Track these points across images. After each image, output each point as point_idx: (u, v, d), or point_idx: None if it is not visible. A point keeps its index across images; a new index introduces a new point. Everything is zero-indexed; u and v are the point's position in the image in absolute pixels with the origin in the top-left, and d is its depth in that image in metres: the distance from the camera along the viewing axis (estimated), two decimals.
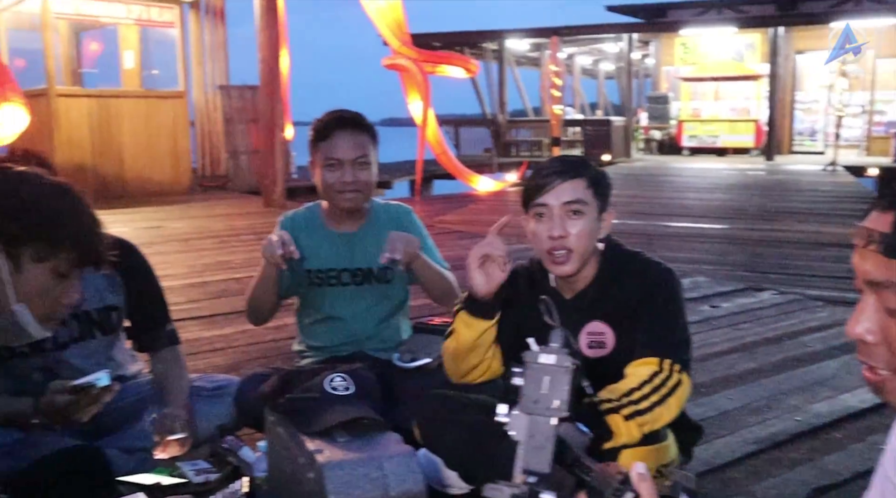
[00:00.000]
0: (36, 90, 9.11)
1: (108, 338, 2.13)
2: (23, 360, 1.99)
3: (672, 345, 1.69)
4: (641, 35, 18.95)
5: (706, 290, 4.63)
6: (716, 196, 10.26)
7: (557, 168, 1.71)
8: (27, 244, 1.24)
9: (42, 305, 1.28)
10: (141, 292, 2.16)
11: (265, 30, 8.40)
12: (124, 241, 2.14)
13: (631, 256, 1.80)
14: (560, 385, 0.91)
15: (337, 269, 2.34)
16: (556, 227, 1.68)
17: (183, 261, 5.50)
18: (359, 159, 2.25)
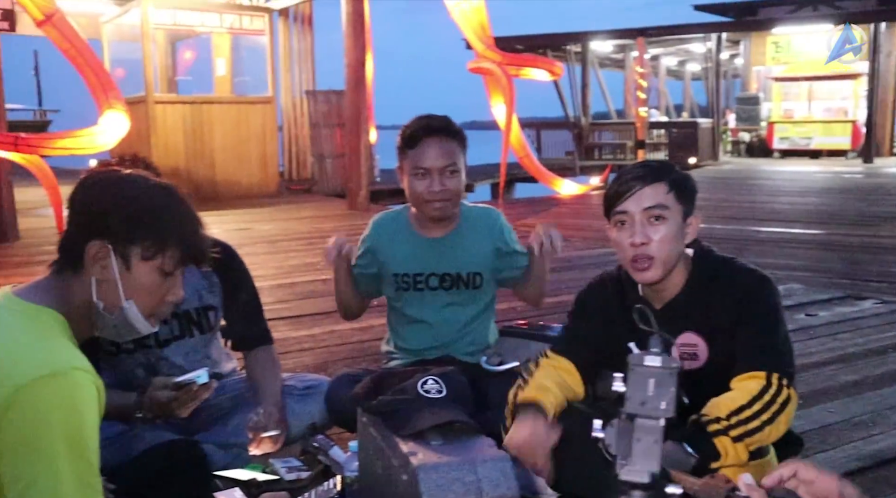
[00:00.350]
0: (135, 98, 9.55)
1: (206, 336, 2.20)
2: (128, 356, 2.09)
3: (777, 357, 1.61)
4: (730, 34, 18.41)
5: (801, 297, 4.45)
6: (809, 200, 9.86)
7: (636, 173, 1.66)
8: (136, 243, 1.29)
9: (149, 302, 1.33)
10: (237, 293, 2.23)
11: (351, 36, 8.55)
12: (223, 242, 2.21)
13: (723, 262, 1.73)
14: (666, 387, 0.92)
15: (424, 273, 2.33)
16: (637, 234, 1.64)
17: (271, 262, 5.64)
18: (448, 168, 2.22)
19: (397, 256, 2.35)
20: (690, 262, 1.72)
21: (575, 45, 18.93)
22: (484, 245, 2.35)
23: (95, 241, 1.27)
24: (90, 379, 1.17)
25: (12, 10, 6.37)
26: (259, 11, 10.31)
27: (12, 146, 5.44)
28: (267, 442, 2.04)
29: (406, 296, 2.37)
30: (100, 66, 5.89)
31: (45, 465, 1.09)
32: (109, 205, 1.30)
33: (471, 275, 2.33)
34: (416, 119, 2.30)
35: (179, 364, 2.14)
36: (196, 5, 9.91)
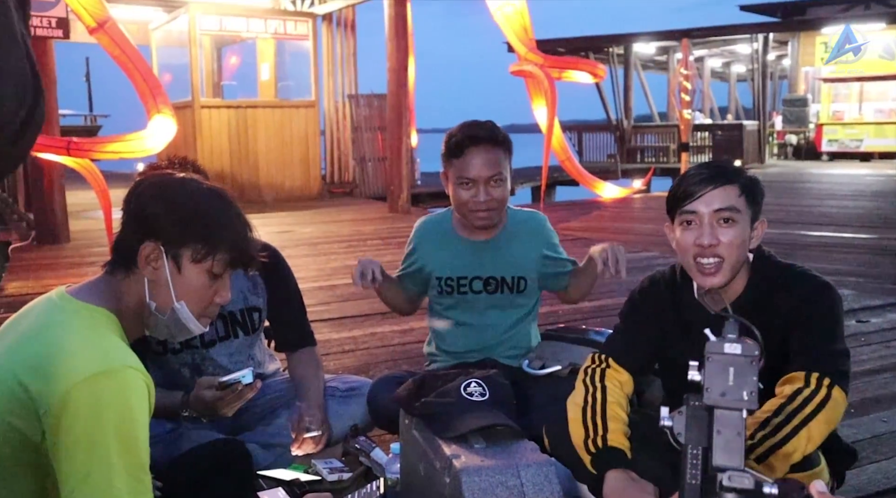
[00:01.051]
0: (182, 102, 9.73)
1: (250, 338, 2.23)
2: (174, 356, 2.13)
3: (822, 356, 1.56)
4: (778, 35, 18.06)
5: (853, 303, 4.33)
6: (860, 204, 9.61)
7: (708, 174, 1.62)
8: (187, 246, 1.32)
9: (198, 303, 1.36)
10: (282, 295, 2.26)
11: (393, 40, 8.59)
12: (269, 245, 2.25)
13: (784, 268, 1.69)
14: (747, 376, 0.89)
15: (468, 277, 2.33)
16: (705, 234, 1.59)
17: (312, 264, 5.70)
18: (493, 178, 2.20)
19: (441, 260, 2.35)
20: (750, 266, 1.68)
21: (617, 47, 18.77)
22: (529, 250, 2.35)
23: (148, 243, 1.30)
24: (141, 377, 1.19)
25: (66, 19, 6.54)
26: (303, 17, 10.43)
27: (65, 150, 5.59)
28: (309, 442, 2.06)
29: (449, 299, 2.37)
30: (149, 72, 6.01)
31: (99, 459, 1.12)
32: (162, 207, 1.33)
33: (515, 279, 2.33)
34: (462, 126, 2.26)
35: (224, 364, 2.17)
36: (241, 11, 10.07)
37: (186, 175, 1.49)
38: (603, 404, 1.67)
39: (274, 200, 9.75)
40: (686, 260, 1.65)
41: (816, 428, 1.50)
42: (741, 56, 20.54)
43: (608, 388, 1.71)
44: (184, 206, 1.34)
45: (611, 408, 1.67)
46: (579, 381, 1.76)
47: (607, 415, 1.65)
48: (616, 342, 1.83)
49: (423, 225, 2.45)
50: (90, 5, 5.67)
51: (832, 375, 1.54)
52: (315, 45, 10.52)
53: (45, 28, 6.44)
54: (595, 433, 1.64)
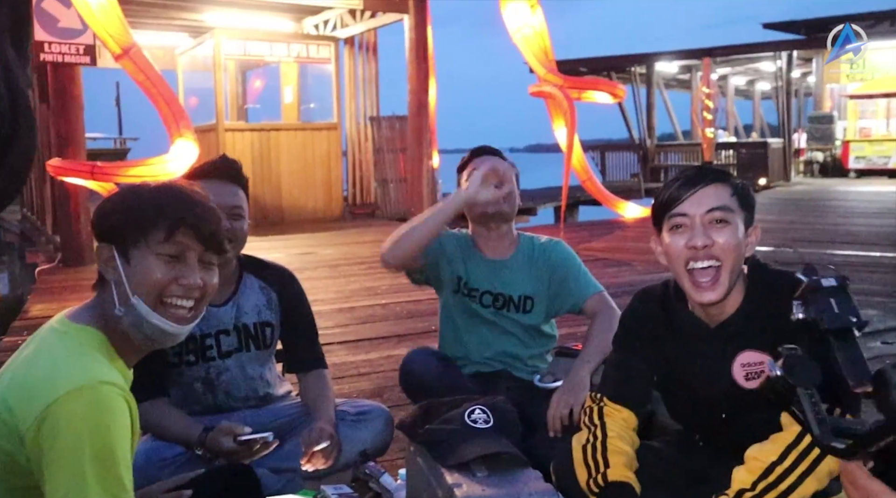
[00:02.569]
0: (206, 126, 9.88)
1: (262, 353, 2.24)
2: (188, 368, 2.14)
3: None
4: (802, 52, 17.93)
5: (878, 324, 4.24)
6: (888, 221, 9.45)
7: (696, 174, 1.54)
8: (127, 234, 1.31)
9: (153, 291, 1.30)
10: (294, 315, 2.27)
11: (414, 62, 8.67)
12: (285, 269, 2.32)
13: (781, 274, 1.57)
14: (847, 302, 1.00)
15: (479, 290, 2.41)
16: (697, 235, 1.48)
17: (332, 286, 5.72)
18: (505, 171, 2.37)
19: (461, 264, 2.44)
20: (746, 277, 1.58)
21: (640, 66, 18.74)
22: (541, 274, 2.41)
23: (102, 245, 1.33)
24: (119, 393, 1.18)
25: (94, 45, 6.69)
26: (325, 41, 10.56)
27: (89, 174, 5.70)
28: (319, 456, 2.03)
29: (461, 301, 2.43)
30: (172, 97, 6.12)
31: (74, 478, 1.11)
32: (108, 209, 1.36)
33: (522, 298, 2.39)
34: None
35: (236, 381, 2.18)
36: (265, 36, 10.22)
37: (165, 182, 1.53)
38: (603, 441, 1.60)
39: (296, 222, 9.81)
40: (678, 270, 1.54)
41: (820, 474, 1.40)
42: (765, 74, 20.41)
43: (607, 424, 1.64)
44: (125, 201, 1.36)
45: (611, 443, 1.60)
46: (581, 422, 1.71)
47: (608, 451, 1.59)
48: (609, 380, 1.73)
49: (447, 234, 2.52)
50: (115, 32, 5.80)
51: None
52: (337, 69, 10.64)
53: (72, 55, 6.59)
54: (596, 472, 1.58)
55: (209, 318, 2.11)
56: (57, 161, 6.19)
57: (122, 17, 5.91)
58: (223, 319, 2.15)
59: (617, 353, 1.76)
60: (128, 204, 1.35)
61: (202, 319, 2.08)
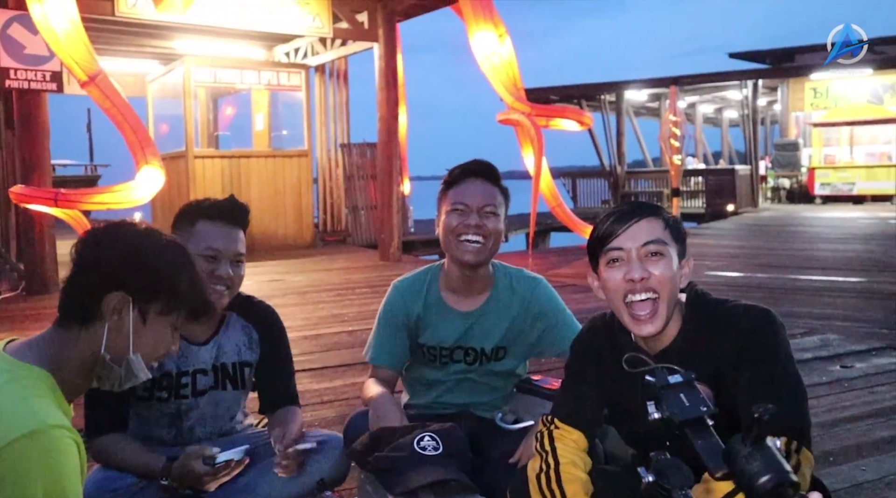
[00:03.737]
0: (176, 153, 9.83)
1: (237, 392, 2.20)
2: (159, 403, 2.09)
3: (787, 415, 1.42)
4: (767, 81, 18.33)
5: (838, 348, 4.31)
6: (851, 247, 9.63)
7: (629, 208, 1.56)
8: (157, 299, 1.32)
9: (153, 354, 1.36)
10: (273, 355, 2.22)
11: (384, 90, 8.73)
12: (270, 307, 2.25)
13: (719, 302, 1.59)
14: (695, 394, 1.04)
15: (450, 347, 2.21)
16: (634, 269, 1.49)
17: (299, 313, 5.68)
18: (486, 207, 2.08)
19: (426, 329, 2.23)
20: (684, 307, 1.60)
21: (609, 94, 19.01)
22: (521, 324, 2.21)
23: (116, 293, 1.29)
24: (69, 435, 1.17)
25: (60, 72, 6.65)
26: (296, 68, 10.60)
27: (52, 202, 5.62)
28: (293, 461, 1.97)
29: (429, 365, 2.27)
30: (138, 124, 6.08)
31: None
32: (131, 257, 1.32)
33: (495, 349, 2.22)
34: (462, 163, 2.19)
35: (207, 417, 2.14)
36: (236, 63, 10.24)
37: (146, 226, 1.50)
38: (556, 469, 1.60)
39: (267, 249, 9.76)
40: (617, 304, 1.55)
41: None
42: (732, 102, 20.81)
43: (559, 449, 1.64)
44: (152, 258, 1.33)
45: (565, 471, 1.60)
46: (533, 448, 1.70)
47: (562, 479, 1.59)
48: (562, 402, 1.74)
49: (404, 288, 2.27)
50: (81, 59, 5.77)
51: (799, 437, 1.44)
52: (308, 96, 10.67)
53: (39, 82, 6.54)
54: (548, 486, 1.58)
55: (189, 356, 2.08)
56: (19, 188, 6.11)
57: (88, 43, 5.88)
58: (203, 359, 2.11)
59: (568, 378, 1.76)
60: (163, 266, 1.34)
61: (181, 356, 2.07)
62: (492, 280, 2.20)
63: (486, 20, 7.42)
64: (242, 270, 2.08)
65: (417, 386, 2.36)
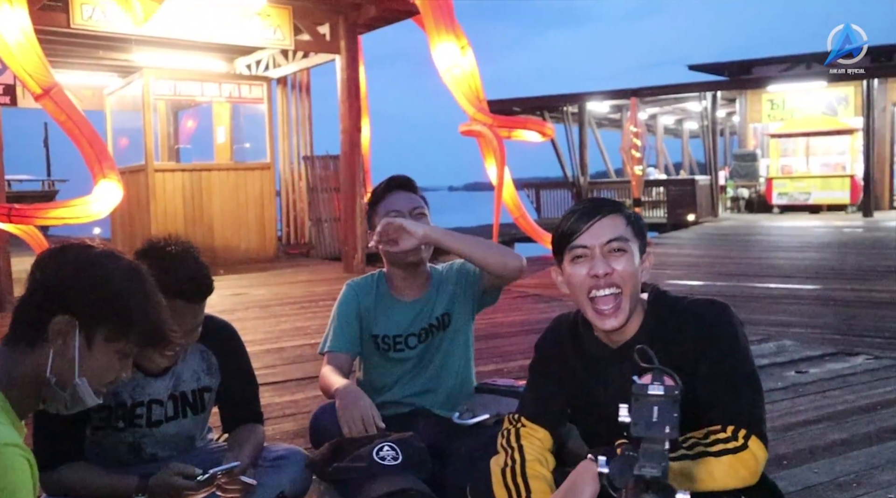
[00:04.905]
0: (136, 166, 9.70)
1: (198, 418, 2.17)
2: (115, 432, 2.05)
3: (738, 406, 1.51)
4: (726, 93, 18.70)
5: (793, 354, 4.40)
6: (807, 255, 9.84)
7: (592, 206, 1.60)
8: (103, 324, 1.29)
9: (101, 381, 1.33)
10: (235, 376, 2.19)
11: (346, 102, 8.73)
12: (226, 325, 2.21)
13: (679, 299, 1.65)
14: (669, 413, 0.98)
15: (403, 335, 2.37)
16: (598, 265, 1.55)
17: (261, 327, 5.63)
18: (416, 210, 2.32)
19: (378, 320, 2.38)
20: (646, 303, 1.65)
21: (572, 106, 19.23)
22: (448, 286, 2.42)
23: (63, 317, 1.27)
24: (20, 454, 1.16)
25: (14, 85, 6.54)
26: (258, 81, 10.55)
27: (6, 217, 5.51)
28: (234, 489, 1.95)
29: (385, 356, 2.38)
30: (95, 137, 6.00)
31: None
32: (79, 281, 1.30)
33: (440, 317, 2.38)
34: (382, 181, 2.43)
35: (167, 444, 2.11)
36: (196, 76, 10.15)
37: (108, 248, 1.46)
38: (522, 465, 1.64)
39: (229, 263, 9.66)
40: (581, 299, 1.60)
41: (718, 467, 1.45)
42: (692, 113, 21.18)
43: (525, 447, 1.68)
44: (103, 282, 1.31)
45: (530, 467, 1.64)
46: (499, 444, 1.73)
47: (527, 475, 1.62)
48: (527, 400, 1.78)
49: (356, 285, 2.46)
50: (35, 72, 5.68)
51: (749, 426, 1.49)
52: (270, 108, 10.61)
53: None
54: (518, 495, 1.61)
55: (144, 387, 2.04)
56: None
57: (42, 56, 5.79)
58: (158, 390, 2.07)
59: (532, 377, 1.80)
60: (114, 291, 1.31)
61: (135, 387, 2.04)
62: (429, 277, 2.42)
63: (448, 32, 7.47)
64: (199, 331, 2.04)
65: (376, 384, 2.42)
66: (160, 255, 1.88)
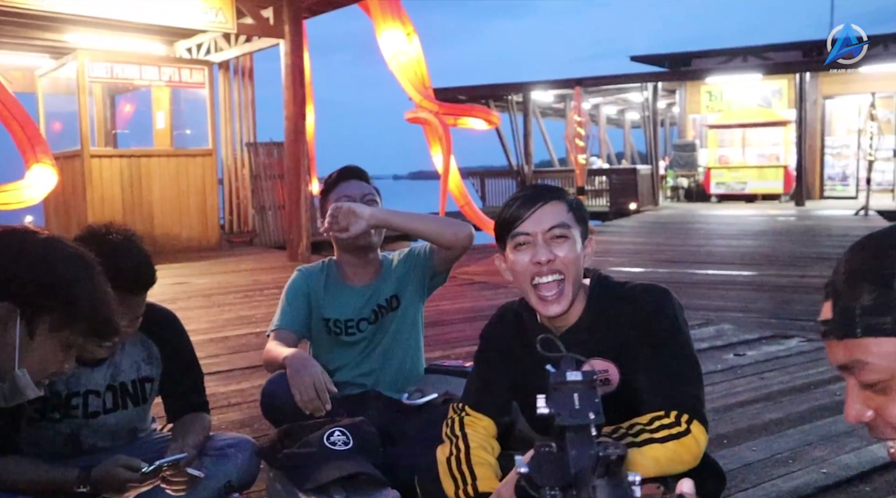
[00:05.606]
0: (71, 152, 9.40)
1: (139, 408, 2.12)
2: (51, 425, 1.99)
3: (679, 391, 1.54)
4: (666, 84, 19.05)
5: (731, 337, 4.53)
6: (744, 243, 10.13)
7: (534, 193, 1.61)
8: (46, 314, 1.25)
9: (42, 372, 1.29)
10: (178, 366, 2.15)
11: (291, 88, 8.60)
12: (168, 313, 2.16)
13: (620, 283, 1.68)
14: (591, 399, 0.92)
15: (355, 319, 2.39)
16: (541, 251, 1.55)
17: (205, 316, 5.53)
18: (367, 196, 2.35)
19: (329, 303, 2.41)
20: (588, 288, 1.66)
21: (516, 94, 19.33)
22: (398, 272, 2.45)
23: (3, 303, 1.22)
24: None
25: None
26: (199, 65, 10.31)
27: None
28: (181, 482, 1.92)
29: (336, 340, 2.41)
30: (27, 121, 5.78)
31: None
32: (23, 269, 1.25)
33: (389, 299, 2.41)
34: (335, 170, 2.47)
35: (106, 435, 2.06)
36: (134, 59, 9.86)
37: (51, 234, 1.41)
38: (467, 453, 1.64)
39: (170, 251, 9.45)
40: (524, 286, 1.60)
41: (664, 453, 1.47)
42: (634, 104, 21.52)
43: (469, 435, 1.68)
44: (47, 269, 1.26)
45: (475, 454, 1.64)
46: (443, 433, 1.73)
47: (472, 462, 1.63)
48: (471, 388, 1.79)
49: (307, 271, 2.49)
50: None
51: (691, 410, 1.52)
52: (212, 93, 10.38)
53: None
54: (464, 483, 1.61)
55: (79, 377, 1.97)
56: None
57: None
58: (95, 380, 2.01)
59: (476, 365, 1.81)
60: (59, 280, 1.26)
61: (71, 377, 1.97)
62: (380, 265, 2.45)
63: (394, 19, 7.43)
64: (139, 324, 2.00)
65: (326, 366, 2.38)
66: (101, 242, 1.80)
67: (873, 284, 0.84)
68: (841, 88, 16.95)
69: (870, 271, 0.86)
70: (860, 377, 0.84)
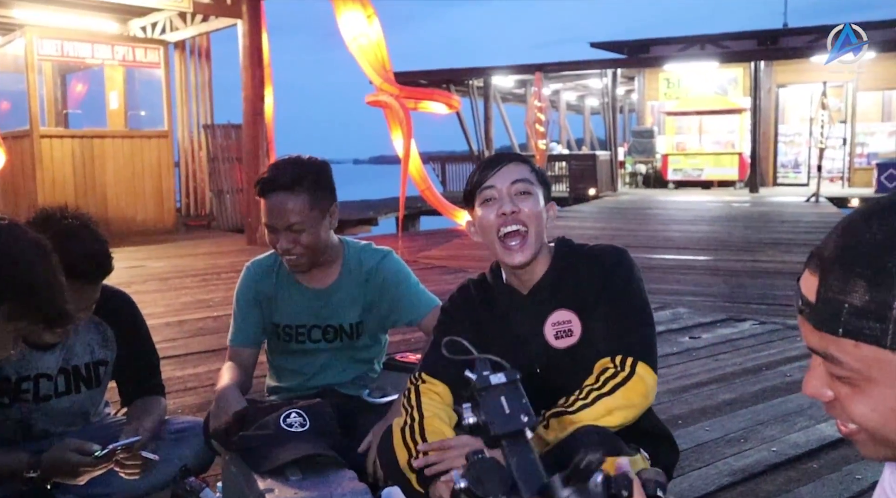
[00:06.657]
0: (20, 131, 9.14)
1: (93, 392, 2.07)
2: (2, 409, 1.94)
3: (626, 335, 1.65)
4: (625, 70, 19.20)
5: (687, 321, 4.61)
6: (699, 228, 10.30)
7: (498, 156, 1.75)
8: (4, 304, 1.21)
9: None
10: (133, 348, 2.10)
11: (249, 69, 8.47)
12: (122, 295, 2.11)
13: (581, 246, 1.80)
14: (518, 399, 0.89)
15: (307, 325, 2.20)
16: (506, 204, 1.66)
17: (161, 300, 5.45)
18: (293, 226, 2.01)
19: (279, 307, 2.21)
20: (552, 249, 1.77)
21: (477, 79, 19.30)
22: (372, 298, 2.21)
23: None
24: None
25: None
26: (153, 44, 10.09)
27: None
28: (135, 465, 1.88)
29: (288, 346, 2.25)
30: None
31: None
32: None
33: (353, 325, 2.21)
34: (271, 167, 2.11)
35: (58, 419, 2.01)
36: (86, 36, 9.61)
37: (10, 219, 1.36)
38: (420, 422, 1.66)
39: (124, 234, 9.27)
40: (491, 238, 1.69)
41: (613, 402, 1.57)
42: (594, 90, 21.65)
43: (424, 403, 1.70)
44: (9, 260, 1.22)
45: (429, 424, 1.66)
46: (401, 405, 1.75)
47: (426, 431, 1.64)
48: (429, 356, 1.82)
49: (255, 267, 2.26)
50: None
51: (636, 353, 1.62)
52: (167, 74, 10.18)
53: None
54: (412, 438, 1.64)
55: (30, 360, 1.93)
56: None
57: None
58: (47, 363, 1.96)
59: (436, 335, 1.83)
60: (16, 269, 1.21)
61: (21, 360, 1.91)
62: (340, 256, 2.20)
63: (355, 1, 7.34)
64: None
65: (282, 372, 2.32)
66: (56, 228, 1.73)
67: (870, 282, 0.72)
68: (794, 77, 17.27)
69: (869, 267, 0.73)
70: (829, 368, 0.77)
